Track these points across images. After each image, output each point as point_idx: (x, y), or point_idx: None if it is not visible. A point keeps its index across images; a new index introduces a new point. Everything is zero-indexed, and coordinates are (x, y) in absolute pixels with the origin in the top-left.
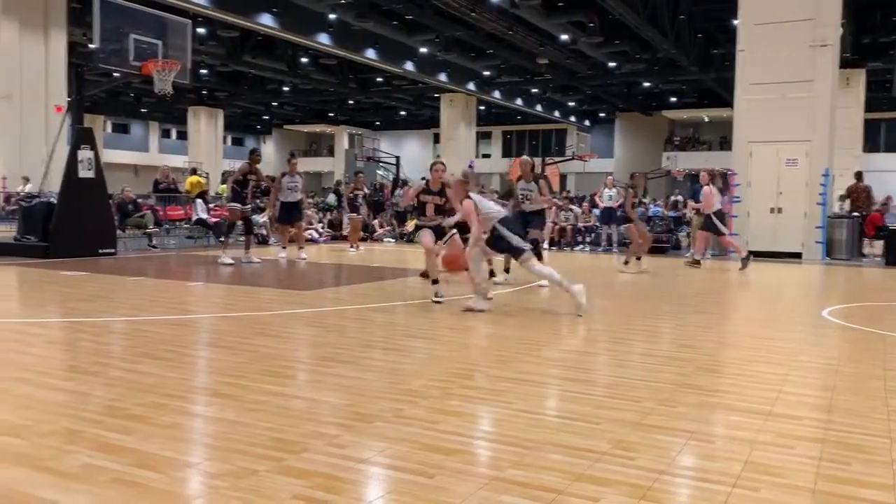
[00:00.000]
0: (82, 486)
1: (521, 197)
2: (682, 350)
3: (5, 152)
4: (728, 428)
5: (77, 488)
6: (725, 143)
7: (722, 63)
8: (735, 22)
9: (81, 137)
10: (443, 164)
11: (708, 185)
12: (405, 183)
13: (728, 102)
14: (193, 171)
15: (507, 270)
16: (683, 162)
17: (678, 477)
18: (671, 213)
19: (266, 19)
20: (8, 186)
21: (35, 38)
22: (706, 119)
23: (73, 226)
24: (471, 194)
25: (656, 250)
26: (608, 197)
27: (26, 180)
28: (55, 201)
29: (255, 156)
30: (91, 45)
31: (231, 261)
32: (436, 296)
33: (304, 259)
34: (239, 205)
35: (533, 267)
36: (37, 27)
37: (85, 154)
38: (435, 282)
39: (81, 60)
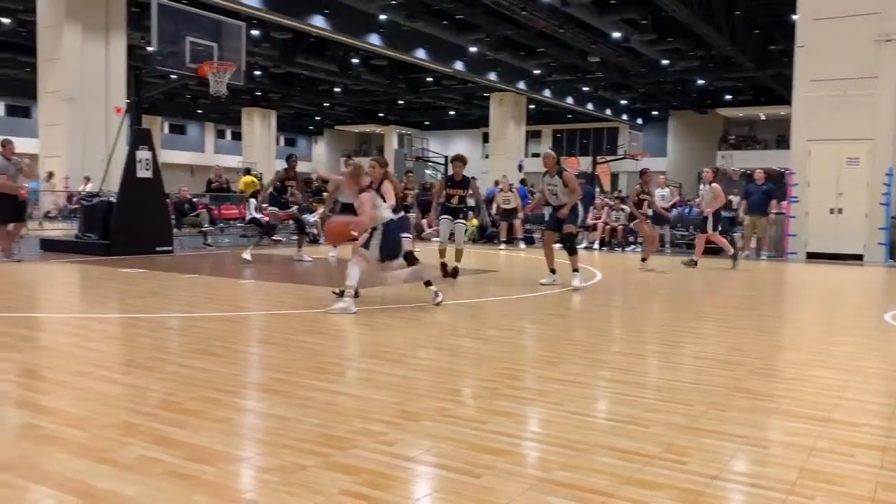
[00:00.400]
0: (138, 478)
1: (547, 192)
2: (736, 353)
3: (68, 153)
4: (783, 434)
5: (133, 479)
6: (783, 142)
7: (780, 59)
8: (794, 17)
9: (140, 138)
10: (462, 159)
11: (712, 182)
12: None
13: (786, 100)
14: (247, 171)
15: (552, 272)
16: (739, 161)
17: (730, 482)
18: (725, 214)
19: (318, 21)
20: (70, 186)
21: (96, 41)
22: (762, 117)
23: (131, 224)
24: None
25: (710, 251)
26: (660, 197)
27: (87, 180)
28: (115, 200)
29: (292, 161)
30: (149, 48)
31: (250, 258)
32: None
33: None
34: (277, 209)
35: (387, 279)
36: (98, 31)
37: (143, 154)
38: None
39: (140, 63)
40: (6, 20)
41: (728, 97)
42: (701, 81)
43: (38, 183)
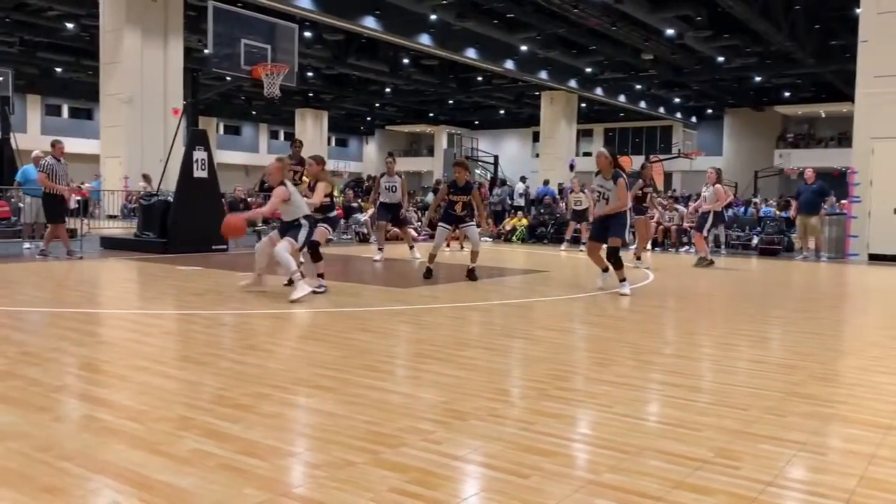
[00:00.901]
0: (192, 470)
1: (597, 195)
2: (793, 357)
3: (127, 153)
4: (842, 440)
5: (187, 472)
6: (844, 140)
7: (842, 55)
8: (857, 11)
9: (196, 139)
10: (464, 165)
11: (716, 183)
12: (504, 182)
13: (848, 96)
14: None
15: (605, 270)
16: (798, 160)
17: (786, 489)
18: (783, 214)
19: (369, 22)
20: (129, 186)
21: (155, 44)
22: (823, 114)
23: (188, 223)
24: (286, 183)
25: (767, 252)
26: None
27: (145, 178)
28: (172, 200)
29: (296, 147)
30: (205, 51)
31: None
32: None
33: (418, 259)
34: None
35: (279, 267)
36: (157, 35)
37: (199, 155)
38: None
39: (196, 65)
40: (70, 25)
41: (787, 94)
42: (758, 78)
43: (100, 182)
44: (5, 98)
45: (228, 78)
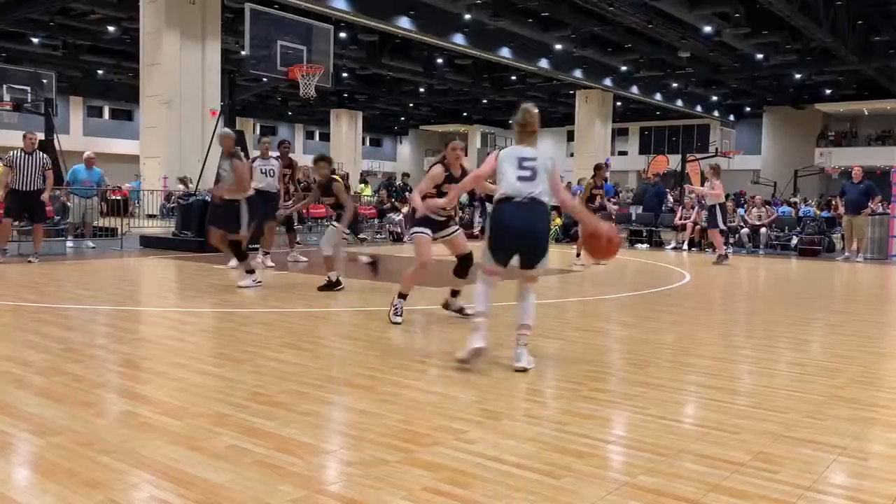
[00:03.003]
0: (228, 466)
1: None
2: (834, 360)
3: (166, 154)
4: (885, 445)
5: (224, 468)
6: (889, 138)
7: (885, 51)
8: None
9: (233, 140)
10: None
11: (717, 178)
12: None
13: (892, 93)
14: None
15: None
16: (839, 159)
17: (826, 494)
18: (824, 214)
19: (403, 22)
20: (168, 186)
21: (193, 47)
22: (865, 112)
23: None
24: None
25: (807, 252)
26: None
27: (184, 181)
28: (210, 199)
29: (283, 148)
30: (242, 52)
31: (272, 264)
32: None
33: (267, 267)
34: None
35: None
36: (195, 37)
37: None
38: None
39: (233, 67)
40: (112, 28)
41: (828, 91)
42: (798, 76)
43: (140, 182)
44: (49, 100)
45: (265, 79)
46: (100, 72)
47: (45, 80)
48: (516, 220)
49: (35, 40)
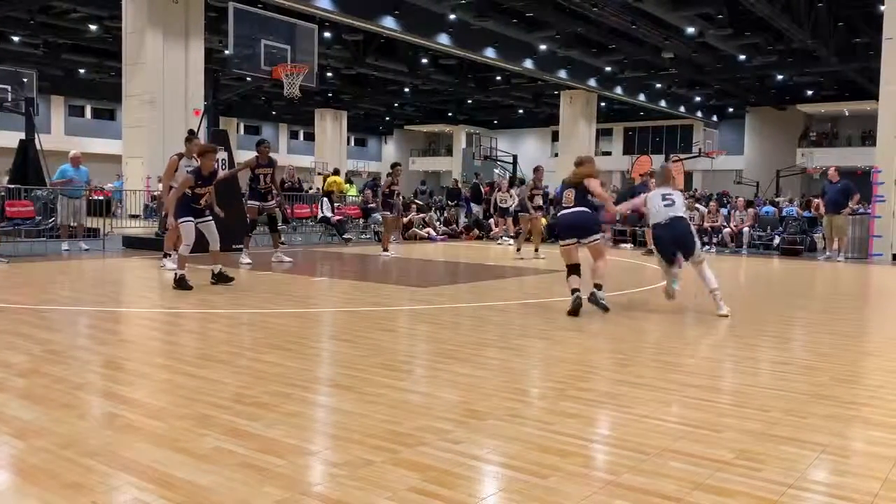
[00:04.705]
0: (213, 468)
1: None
2: (817, 358)
3: (149, 153)
4: (866, 443)
5: (208, 469)
6: (869, 139)
7: (865, 53)
8: (881, 8)
9: (217, 139)
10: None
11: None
12: (522, 182)
13: (872, 94)
14: (335, 172)
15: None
16: (820, 159)
17: (808, 491)
18: (805, 214)
19: (388, 22)
20: (151, 186)
21: (176, 45)
22: (846, 113)
23: None
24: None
25: (789, 252)
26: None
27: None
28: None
29: (262, 147)
30: (226, 52)
31: (250, 261)
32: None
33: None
34: (257, 202)
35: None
36: (178, 36)
37: (220, 155)
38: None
39: (217, 66)
40: (94, 27)
41: (809, 92)
42: (780, 77)
43: (122, 182)
44: (30, 99)
45: (249, 78)
46: (81, 71)
47: (25, 80)
48: (666, 234)
49: (15, 39)
